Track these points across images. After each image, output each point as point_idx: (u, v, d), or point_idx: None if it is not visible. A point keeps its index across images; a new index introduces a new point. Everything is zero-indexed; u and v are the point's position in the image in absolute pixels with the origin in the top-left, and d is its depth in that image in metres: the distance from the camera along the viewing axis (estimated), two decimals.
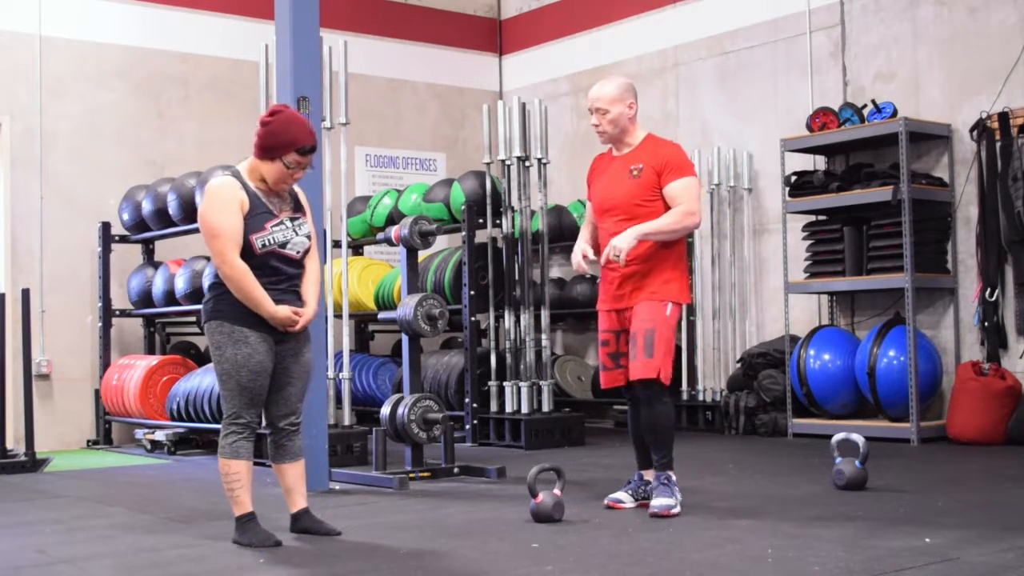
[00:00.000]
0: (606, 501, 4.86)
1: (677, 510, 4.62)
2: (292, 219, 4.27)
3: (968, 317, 7.54)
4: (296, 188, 4.42)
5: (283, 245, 4.21)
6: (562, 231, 9.30)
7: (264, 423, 4.39)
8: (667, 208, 4.77)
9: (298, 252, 4.26)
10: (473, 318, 7.93)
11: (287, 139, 4.16)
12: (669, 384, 4.78)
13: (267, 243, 4.17)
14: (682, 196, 4.74)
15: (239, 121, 8.96)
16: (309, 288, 4.33)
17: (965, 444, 7.02)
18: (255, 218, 4.17)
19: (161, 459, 7.59)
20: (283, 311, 4.18)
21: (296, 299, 4.28)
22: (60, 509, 5.35)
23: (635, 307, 4.76)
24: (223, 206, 4.14)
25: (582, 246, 4.92)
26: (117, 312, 8.61)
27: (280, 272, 4.22)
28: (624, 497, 4.85)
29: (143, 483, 6.46)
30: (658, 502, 4.62)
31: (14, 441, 7.44)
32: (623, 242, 4.66)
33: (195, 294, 7.88)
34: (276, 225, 4.21)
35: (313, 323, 4.39)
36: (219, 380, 4.23)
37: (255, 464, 4.33)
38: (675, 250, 4.83)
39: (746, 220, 8.87)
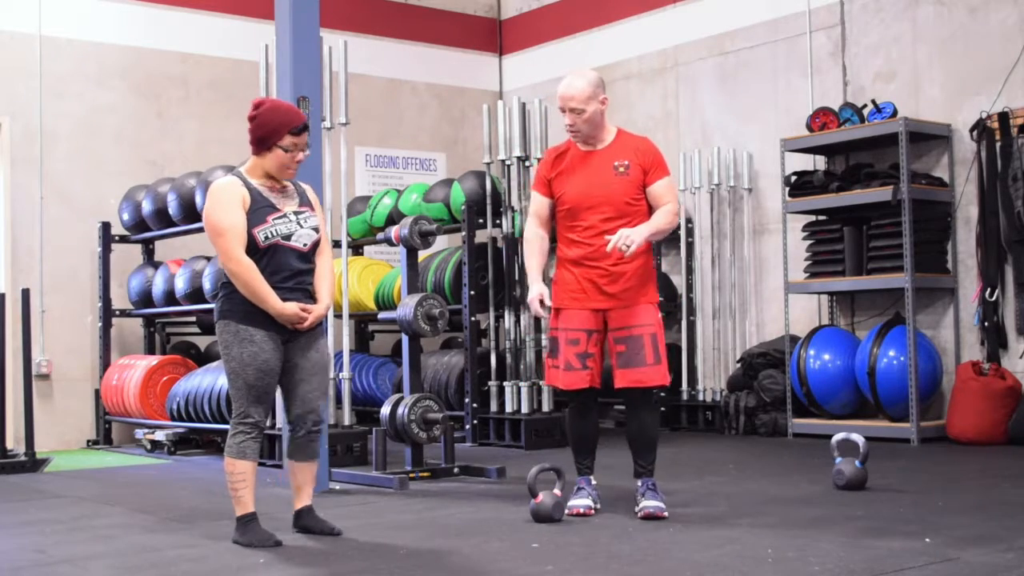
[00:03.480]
0: (573, 510, 4.65)
1: (667, 512, 4.61)
2: (297, 213, 4.28)
3: (968, 317, 7.54)
4: (304, 185, 4.45)
5: (287, 237, 4.22)
6: None
7: (287, 422, 4.39)
8: (649, 205, 4.73)
9: (305, 245, 4.27)
10: (473, 318, 7.93)
11: (277, 124, 4.23)
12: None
13: (270, 235, 4.19)
14: (668, 195, 4.73)
15: (239, 121, 8.76)
16: (321, 284, 4.34)
17: (965, 444, 7.02)
18: (256, 212, 4.19)
19: (161, 459, 7.59)
20: (290, 307, 4.18)
21: (305, 297, 4.28)
22: (60, 509, 5.35)
23: (633, 308, 4.69)
24: (226, 204, 4.17)
25: (539, 289, 4.69)
26: (117, 312, 8.61)
27: (288, 267, 4.22)
28: (590, 502, 4.70)
29: (143, 483, 6.46)
30: (653, 504, 4.60)
31: (14, 441, 7.44)
32: (639, 236, 4.53)
33: (195, 294, 7.88)
34: (279, 218, 4.22)
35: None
36: (228, 379, 4.26)
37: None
38: (651, 251, 4.84)
39: (746, 220, 8.87)
